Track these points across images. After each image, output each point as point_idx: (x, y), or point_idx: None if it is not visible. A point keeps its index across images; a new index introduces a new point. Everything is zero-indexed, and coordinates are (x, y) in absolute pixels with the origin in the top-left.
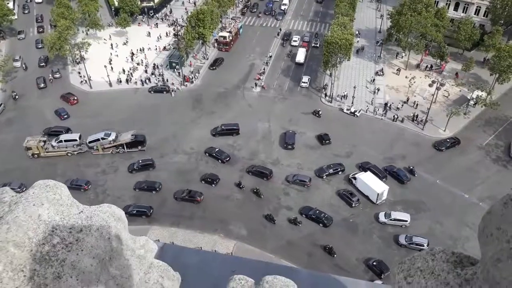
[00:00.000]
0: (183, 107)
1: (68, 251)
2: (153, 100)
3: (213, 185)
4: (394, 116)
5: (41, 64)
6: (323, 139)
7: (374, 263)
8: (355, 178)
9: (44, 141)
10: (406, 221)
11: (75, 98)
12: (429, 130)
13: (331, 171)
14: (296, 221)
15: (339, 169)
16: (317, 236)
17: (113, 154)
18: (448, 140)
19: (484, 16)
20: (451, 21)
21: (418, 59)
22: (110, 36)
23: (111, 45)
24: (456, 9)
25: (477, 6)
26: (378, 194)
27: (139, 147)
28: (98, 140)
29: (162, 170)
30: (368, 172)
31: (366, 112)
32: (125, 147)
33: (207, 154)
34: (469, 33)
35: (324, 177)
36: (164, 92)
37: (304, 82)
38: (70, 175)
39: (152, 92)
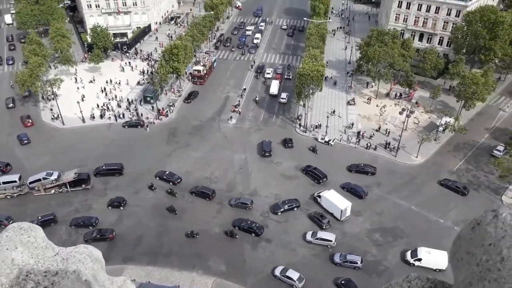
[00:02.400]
0: (158, 141)
1: None
2: (128, 135)
3: (121, 207)
4: (367, 144)
5: (12, 85)
6: (286, 142)
7: (343, 282)
8: (320, 197)
9: None
10: (331, 241)
11: (30, 121)
12: (402, 157)
13: (286, 207)
14: (232, 233)
15: (294, 205)
16: (295, 267)
17: (86, 191)
18: (362, 164)
19: (447, 46)
20: (416, 51)
21: (388, 88)
22: (76, 70)
23: (75, 79)
24: (420, 39)
25: (440, 37)
26: (341, 210)
27: (83, 186)
28: (39, 180)
29: (137, 206)
30: (332, 190)
31: (340, 141)
32: (68, 186)
33: (157, 177)
34: (434, 62)
35: (279, 213)
36: (139, 127)
37: (282, 98)
38: (35, 215)
39: (126, 127)
